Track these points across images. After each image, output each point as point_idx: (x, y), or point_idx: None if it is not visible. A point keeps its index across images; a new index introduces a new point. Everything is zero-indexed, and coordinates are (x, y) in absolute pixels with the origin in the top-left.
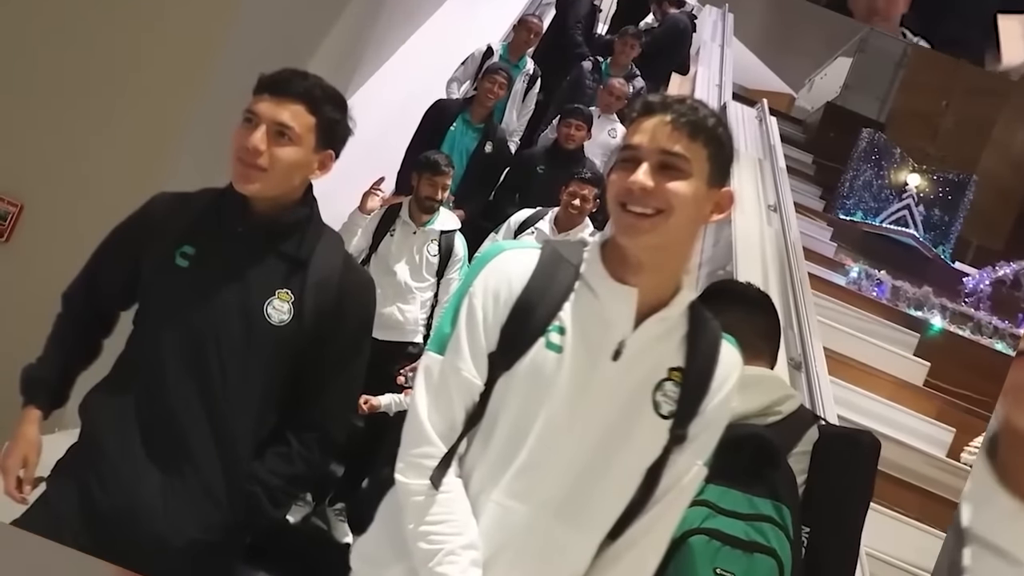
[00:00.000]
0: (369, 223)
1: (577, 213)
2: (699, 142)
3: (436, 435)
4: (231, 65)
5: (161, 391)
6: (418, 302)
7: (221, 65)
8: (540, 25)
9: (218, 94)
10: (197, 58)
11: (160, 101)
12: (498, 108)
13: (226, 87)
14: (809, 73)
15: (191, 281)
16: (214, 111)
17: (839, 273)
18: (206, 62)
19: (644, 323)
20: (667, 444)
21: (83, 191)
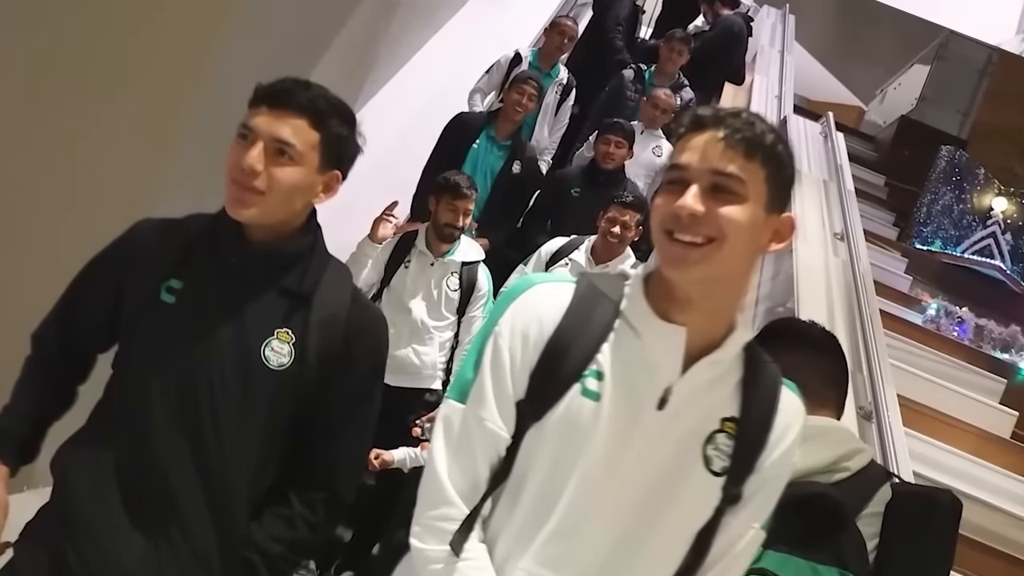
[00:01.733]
0: (380, 253)
1: (617, 242)
2: (756, 161)
3: (457, 495)
4: (229, 73)
5: (145, 444)
6: (436, 343)
7: (218, 73)
8: (575, 28)
9: (215, 105)
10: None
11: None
12: (527, 123)
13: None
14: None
15: (179, 319)
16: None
17: (915, 310)
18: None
19: (693, 367)
20: (719, 504)
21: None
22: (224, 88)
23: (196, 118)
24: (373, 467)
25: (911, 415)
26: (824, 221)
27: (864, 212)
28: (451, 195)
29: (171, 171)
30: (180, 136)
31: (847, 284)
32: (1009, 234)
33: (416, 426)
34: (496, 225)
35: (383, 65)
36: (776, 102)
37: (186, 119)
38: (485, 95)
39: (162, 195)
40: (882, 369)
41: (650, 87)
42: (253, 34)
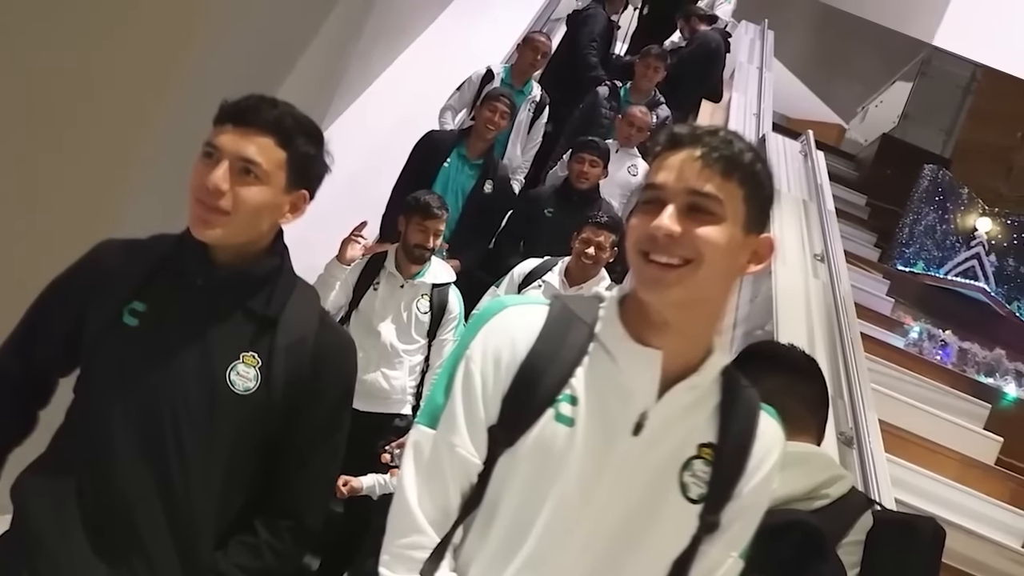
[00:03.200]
0: (349, 275)
1: (591, 263)
2: (734, 181)
3: (427, 523)
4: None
5: (107, 471)
6: (406, 367)
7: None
8: (548, 44)
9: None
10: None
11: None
12: (499, 141)
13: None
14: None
15: (142, 343)
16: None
17: (897, 333)
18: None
19: (670, 392)
20: (696, 533)
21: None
22: (190, 105)
23: (161, 135)
24: (341, 494)
25: (893, 441)
26: (804, 242)
27: (845, 233)
28: (421, 215)
29: (135, 190)
30: (145, 154)
31: (827, 307)
32: (993, 255)
33: (385, 452)
34: (467, 246)
35: (352, 82)
36: (755, 120)
37: (151, 136)
38: (456, 113)
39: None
40: (863, 394)
41: (625, 104)
42: (219, 50)
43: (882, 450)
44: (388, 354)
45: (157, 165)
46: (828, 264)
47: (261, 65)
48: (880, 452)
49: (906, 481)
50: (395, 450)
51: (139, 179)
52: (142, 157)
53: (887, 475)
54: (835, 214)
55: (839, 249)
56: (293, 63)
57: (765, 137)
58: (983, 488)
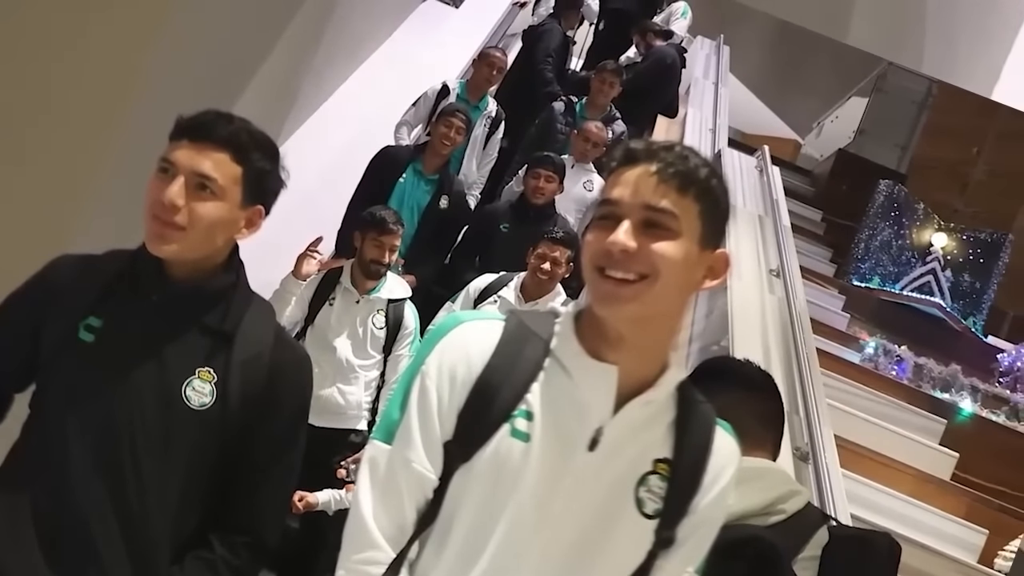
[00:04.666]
0: (305, 291)
1: (547, 279)
2: (689, 196)
3: (383, 538)
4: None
5: (63, 488)
6: (361, 382)
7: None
8: (504, 59)
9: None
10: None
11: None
12: (455, 156)
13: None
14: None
15: (98, 358)
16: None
17: (853, 349)
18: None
19: (625, 407)
20: (652, 548)
21: None
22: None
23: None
24: (297, 510)
25: (849, 456)
26: (759, 257)
27: (800, 248)
28: (377, 231)
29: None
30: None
31: (783, 322)
32: (949, 271)
33: (341, 467)
34: (423, 261)
35: (307, 98)
36: (710, 135)
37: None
38: (412, 128)
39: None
40: (819, 409)
41: (581, 120)
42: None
43: (838, 465)
44: (344, 369)
45: (113, 180)
46: (784, 279)
47: (217, 81)
48: (836, 467)
49: (862, 496)
50: (351, 465)
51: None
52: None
53: (843, 490)
54: (791, 229)
55: (795, 264)
56: (249, 79)
57: (721, 152)
58: (938, 503)
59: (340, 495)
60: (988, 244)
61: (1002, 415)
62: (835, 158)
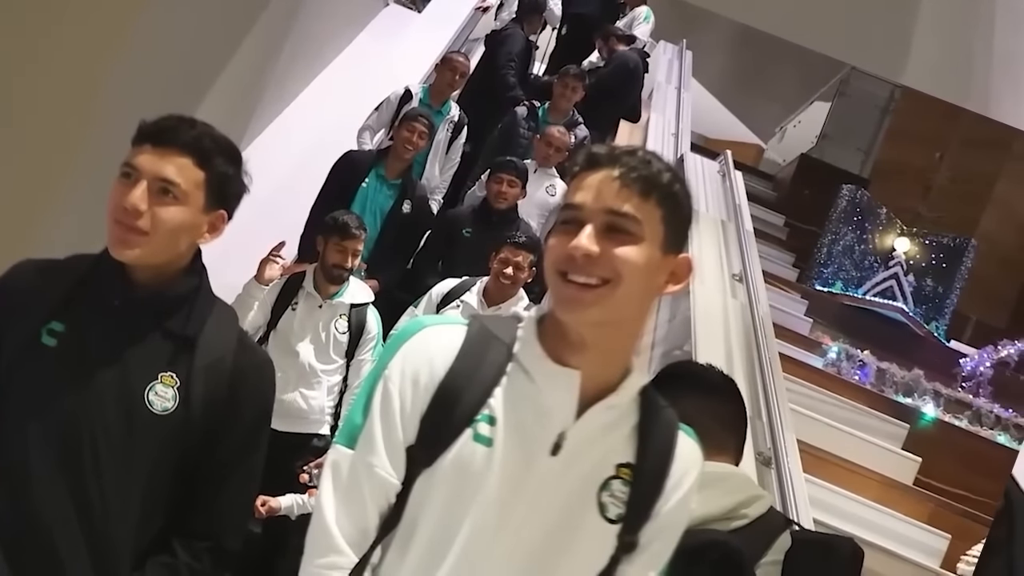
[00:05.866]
0: (267, 295)
1: (510, 284)
2: (652, 201)
3: (345, 542)
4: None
5: (25, 492)
6: (324, 387)
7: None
8: (466, 64)
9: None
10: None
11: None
12: (417, 161)
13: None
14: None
15: (60, 363)
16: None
17: (815, 354)
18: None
19: (588, 412)
20: (615, 553)
21: None
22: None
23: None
24: (260, 514)
25: (811, 461)
26: (722, 262)
27: (763, 253)
28: (339, 235)
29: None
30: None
31: (746, 327)
32: (912, 275)
33: (304, 472)
34: (386, 266)
35: (269, 103)
36: (673, 140)
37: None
38: (374, 133)
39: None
40: (782, 414)
41: (544, 125)
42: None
43: (800, 470)
44: (306, 374)
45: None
46: (746, 284)
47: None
48: (798, 472)
49: (824, 501)
50: (313, 470)
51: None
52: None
53: (805, 495)
54: (753, 234)
55: (757, 269)
56: (211, 84)
57: (683, 157)
58: (902, 508)
59: (303, 500)
60: (951, 249)
61: (964, 420)
62: (798, 163)
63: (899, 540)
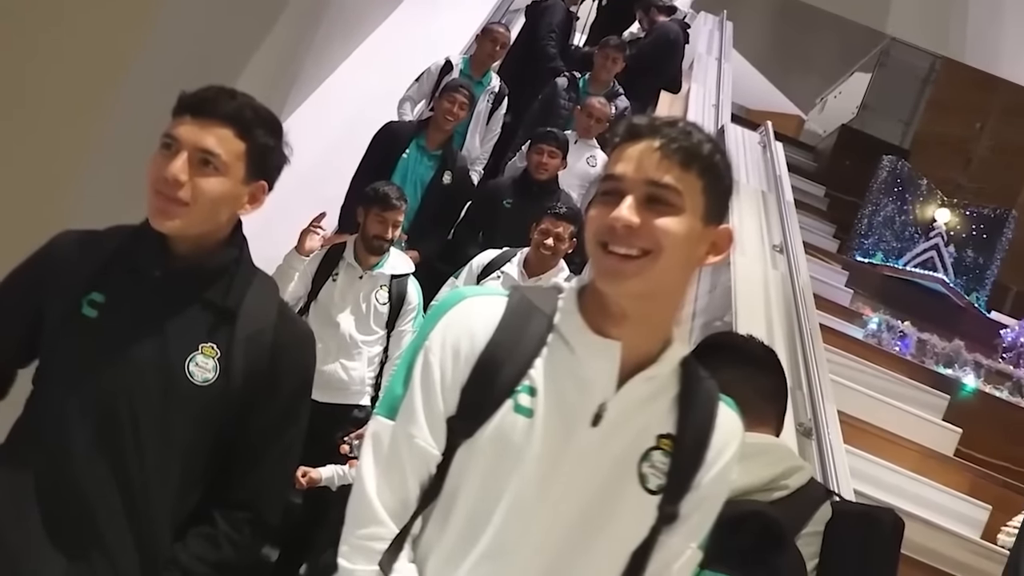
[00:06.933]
0: (308, 266)
1: (550, 254)
2: (693, 172)
3: (386, 513)
4: (144, 83)
5: (65, 463)
6: (365, 358)
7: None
8: (507, 35)
9: (129, 116)
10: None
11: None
12: (458, 132)
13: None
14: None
15: (100, 334)
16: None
17: (856, 324)
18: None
19: (628, 383)
20: (655, 524)
21: None
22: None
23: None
24: (300, 485)
25: (852, 432)
26: (763, 233)
27: (804, 224)
28: (380, 206)
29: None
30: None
31: (786, 298)
32: (952, 246)
33: (344, 443)
34: (426, 237)
35: (310, 73)
36: (713, 111)
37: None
38: (415, 104)
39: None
40: (822, 385)
41: (584, 96)
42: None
43: (841, 441)
44: (347, 345)
45: (113, 157)
46: (787, 255)
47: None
48: (839, 443)
49: (865, 472)
50: (354, 441)
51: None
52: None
53: (846, 466)
54: (794, 205)
55: (798, 240)
56: (251, 54)
57: (724, 128)
58: (942, 479)
59: (343, 471)
60: (991, 220)
61: (1005, 390)
62: (838, 134)
63: (939, 511)
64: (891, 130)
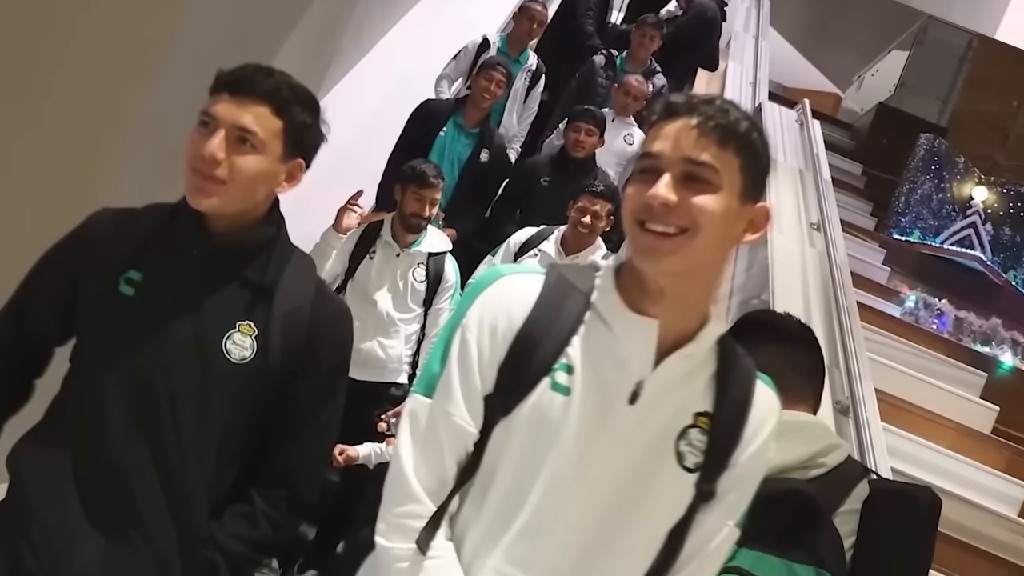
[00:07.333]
0: (345, 244)
1: (587, 232)
2: (730, 150)
3: (423, 491)
4: (180, 61)
5: (103, 441)
6: (402, 336)
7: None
8: (544, 13)
9: (167, 94)
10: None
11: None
12: (495, 110)
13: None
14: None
15: (138, 312)
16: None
17: (893, 302)
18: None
19: (665, 361)
20: (692, 502)
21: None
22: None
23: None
24: (337, 463)
25: (889, 410)
26: (800, 211)
27: (841, 202)
28: (417, 184)
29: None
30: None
31: (823, 276)
32: (989, 224)
33: (381, 421)
34: (464, 215)
35: (346, 51)
36: (751, 89)
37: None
38: (452, 81)
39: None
40: (859, 363)
41: (621, 74)
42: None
43: (878, 419)
44: (384, 323)
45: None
46: (824, 233)
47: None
48: (876, 421)
49: (902, 450)
50: (391, 419)
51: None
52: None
53: (883, 444)
54: (831, 183)
55: (835, 218)
56: (288, 33)
57: (761, 106)
58: (979, 457)
59: (380, 448)
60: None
61: None
62: (875, 112)
63: (977, 489)
64: (928, 108)
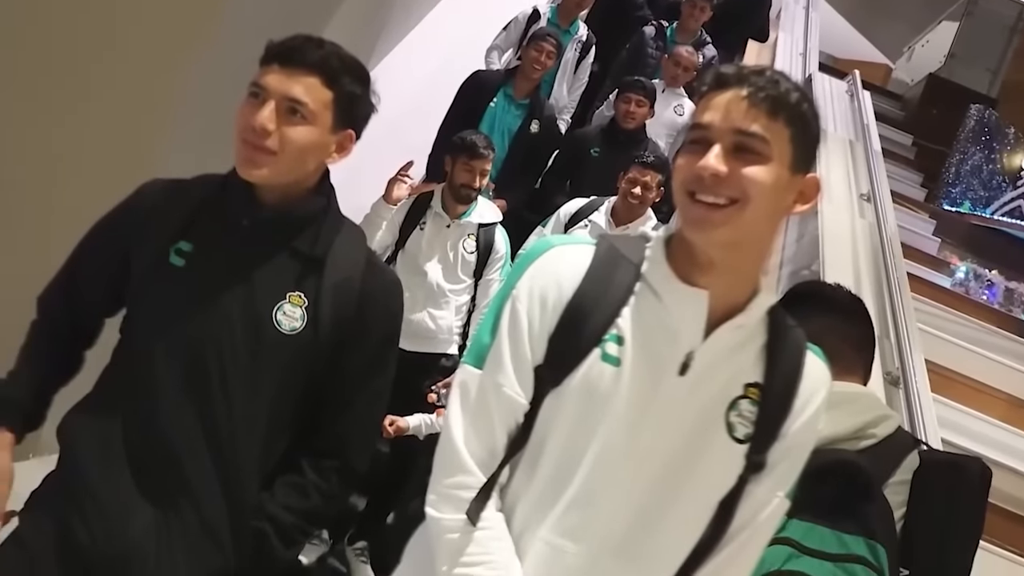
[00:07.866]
0: (395, 215)
1: (638, 203)
2: (780, 121)
3: (474, 462)
4: (232, 32)
5: (153, 412)
6: (452, 307)
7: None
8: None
9: (216, 65)
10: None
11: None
12: (546, 81)
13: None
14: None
15: (188, 283)
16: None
17: (943, 273)
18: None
19: (716, 332)
20: (743, 472)
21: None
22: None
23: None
24: (387, 434)
25: (939, 381)
26: (850, 182)
27: (891, 173)
28: (468, 155)
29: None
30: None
31: (874, 247)
32: None
33: (432, 392)
34: (514, 186)
35: (397, 22)
36: (801, 60)
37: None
38: (502, 53)
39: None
40: (910, 334)
41: (672, 44)
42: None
43: (928, 390)
44: (434, 294)
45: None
46: (874, 204)
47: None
48: (926, 392)
49: (953, 421)
50: (441, 390)
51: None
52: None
53: (933, 415)
54: (881, 154)
55: (885, 189)
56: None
57: (811, 77)
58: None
59: (431, 419)
60: None
61: None
62: (926, 83)
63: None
64: (978, 79)
